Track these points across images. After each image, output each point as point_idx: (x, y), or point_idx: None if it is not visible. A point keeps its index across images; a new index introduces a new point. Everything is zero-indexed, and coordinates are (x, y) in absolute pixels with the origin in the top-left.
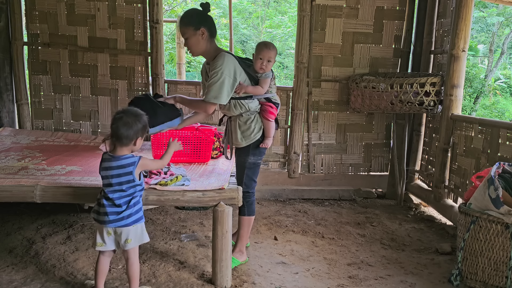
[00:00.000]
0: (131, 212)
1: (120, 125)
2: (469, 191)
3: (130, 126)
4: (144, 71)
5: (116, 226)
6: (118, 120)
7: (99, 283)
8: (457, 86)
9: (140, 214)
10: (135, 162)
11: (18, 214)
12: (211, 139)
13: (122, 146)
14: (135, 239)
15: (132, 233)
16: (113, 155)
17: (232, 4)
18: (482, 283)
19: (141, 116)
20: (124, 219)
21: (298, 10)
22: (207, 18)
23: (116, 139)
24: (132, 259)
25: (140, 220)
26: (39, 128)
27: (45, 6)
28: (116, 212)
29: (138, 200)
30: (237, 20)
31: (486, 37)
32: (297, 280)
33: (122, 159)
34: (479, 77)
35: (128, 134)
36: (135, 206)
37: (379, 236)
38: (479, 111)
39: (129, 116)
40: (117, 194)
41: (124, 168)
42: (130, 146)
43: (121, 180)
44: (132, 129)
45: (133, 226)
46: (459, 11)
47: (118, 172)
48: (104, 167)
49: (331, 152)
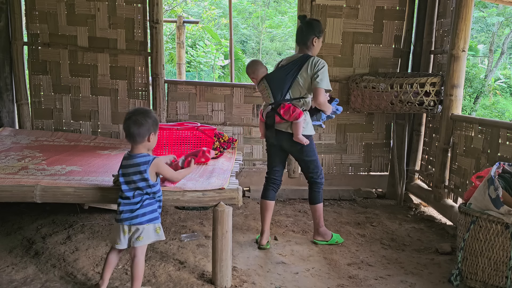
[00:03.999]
0: (145, 211)
1: (130, 124)
2: (469, 191)
3: (141, 123)
4: (144, 71)
5: (131, 223)
6: (128, 120)
7: (105, 274)
8: (457, 86)
9: (155, 214)
10: (149, 161)
11: (18, 214)
12: (211, 139)
13: (137, 144)
14: (146, 238)
15: (144, 231)
16: (130, 154)
17: (232, 4)
18: (482, 283)
19: (150, 113)
20: (138, 217)
21: (298, 10)
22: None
23: (129, 138)
24: (138, 258)
25: (155, 220)
26: (39, 128)
27: (45, 6)
28: (130, 210)
29: (153, 201)
30: (237, 20)
31: (486, 37)
32: (297, 280)
33: (137, 157)
34: (479, 77)
35: (139, 132)
36: (149, 205)
37: (379, 236)
38: (479, 111)
39: (138, 115)
40: (131, 193)
41: (138, 166)
42: (144, 143)
43: (136, 178)
44: (143, 126)
45: (146, 224)
46: (459, 11)
47: (134, 170)
48: (123, 165)
49: (331, 152)
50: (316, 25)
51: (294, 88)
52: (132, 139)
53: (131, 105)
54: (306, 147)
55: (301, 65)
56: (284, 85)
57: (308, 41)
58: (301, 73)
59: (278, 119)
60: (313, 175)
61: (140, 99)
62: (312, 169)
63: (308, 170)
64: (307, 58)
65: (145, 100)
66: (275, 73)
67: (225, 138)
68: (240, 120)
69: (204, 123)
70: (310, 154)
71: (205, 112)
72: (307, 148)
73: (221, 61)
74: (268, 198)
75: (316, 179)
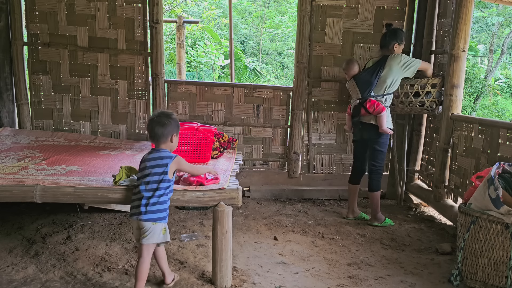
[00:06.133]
0: (154, 209)
1: (155, 125)
2: (469, 191)
3: (165, 124)
4: (144, 71)
5: (139, 219)
6: (153, 121)
7: (162, 269)
8: (457, 86)
9: (163, 214)
10: (172, 157)
11: (18, 214)
12: (211, 139)
13: (160, 145)
14: (151, 236)
15: (150, 229)
16: (154, 148)
17: (232, 4)
18: (482, 283)
19: (173, 115)
20: (147, 213)
21: (298, 10)
22: None
23: (154, 138)
24: (143, 257)
25: (162, 220)
26: (39, 128)
27: (45, 6)
28: (139, 205)
29: (164, 200)
30: (237, 20)
31: (486, 37)
32: (297, 280)
33: (161, 152)
34: (479, 77)
35: (163, 132)
36: (159, 204)
37: (379, 236)
38: (479, 111)
39: (162, 117)
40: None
41: (162, 160)
42: (167, 143)
43: (157, 170)
44: (167, 127)
45: (153, 223)
46: (459, 11)
47: (155, 163)
48: (144, 159)
49: (331, 152)
50: (400, 33)
51: (378, 86)
52: (156, 139)
53: (131, 105)
54: (382, 139)
55: (383, 66)
56: (369, 84)
57: (390, 46)
58: (385, 71)
59: (363, 111)
60: (377, 164)
61: (140, 99)
62: (379, 159)
63: (375, 159)
64: (386, 57)
65: (145, 100)
66: (362, 74)
67: (225, 138)
68: (240, 120)
69: (204, 123)
70: (383, 146)
71: (205, 112)
72: (383, 140)
73: (221, 61)
74: (354, 183)
75: (377, 169)
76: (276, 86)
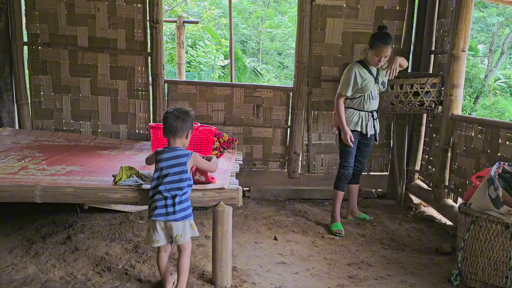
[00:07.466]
0: (180, 208)
1: (174, 118)
2: (469, 191)
3: (183, 119)
4: (144, 71)
5: (167, 219)
6: (171, 114)
7: (165, 278)
8: (457, 86)
9: (189, 211)
10: (189, 154)
11: (18, 214)
12: (211, 139)
13: (175, 139)
14: (185, 234)
15: (181, 228)
16: (169, 147)
17: (232, 4)
18: (482, 283)
19: (189, 112)
20: (175, 213)
21: (298, 10)
22: None
23: (170, 132)
24: (183, 253)
25: (189, 216)
26: (39, 128)
27: (45, 6)
28: (165, 205)
29: (187, 197)
30: (237, 20)
31: (486, 37)
32: (297, 280)
33: (177, 150)
34: (479, 77)
35: (182, 126)
36: (184, 202)
37: (379, 236)
38: (479, 111)
39: (180, 112)
40: (167, 186)
41: (179, 159)
42: (182, 138)
43: (175, 170)
44: (186, 122)
45: (182, 221)
46: (459, 11)
47: (173, 162)
48: (159, 159)
49: (331, 152)
50: (372, 38)
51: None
52: (173, 133)
53: (131, 105)
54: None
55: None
56: None
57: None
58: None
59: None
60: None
61: (140, 99)
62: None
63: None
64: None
65: (145, 100)
66: None
67: (225, 138)
68: (240, 120)
69: (204, 123)
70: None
71: (205, 112)
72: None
73: (221, 61)
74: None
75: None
76: (276, 86)
